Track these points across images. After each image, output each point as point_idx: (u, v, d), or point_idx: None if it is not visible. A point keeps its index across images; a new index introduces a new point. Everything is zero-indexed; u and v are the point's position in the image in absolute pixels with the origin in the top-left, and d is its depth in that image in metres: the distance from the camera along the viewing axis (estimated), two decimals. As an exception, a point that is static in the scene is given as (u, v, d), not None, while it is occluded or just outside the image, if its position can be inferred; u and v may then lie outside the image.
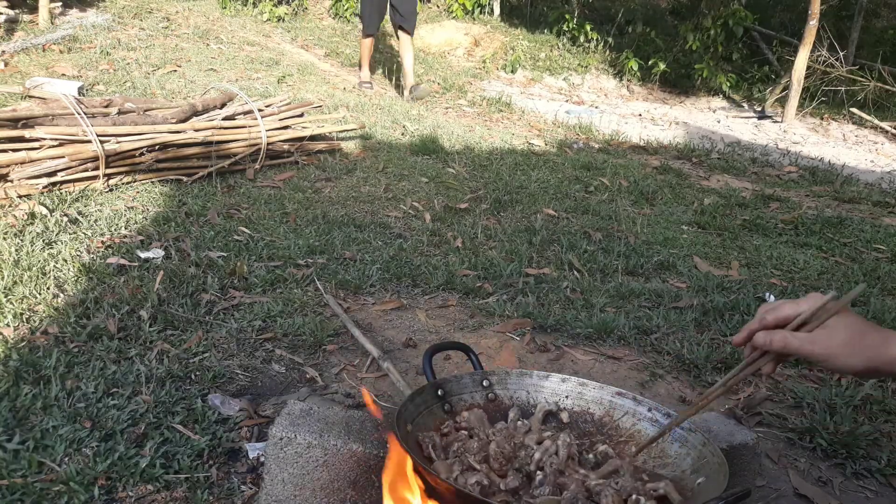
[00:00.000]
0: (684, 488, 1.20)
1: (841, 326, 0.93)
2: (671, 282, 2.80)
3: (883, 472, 1.70)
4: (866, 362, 0.92)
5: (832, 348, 0.92)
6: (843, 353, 0.92)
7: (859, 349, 0.92)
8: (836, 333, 0.93)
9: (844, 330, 0.93)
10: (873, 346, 0.91)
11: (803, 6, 8.05)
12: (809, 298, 0.97)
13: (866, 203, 4.40)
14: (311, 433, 1.33)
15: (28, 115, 3.06)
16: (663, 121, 6.96)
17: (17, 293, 2.10)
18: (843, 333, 0.92)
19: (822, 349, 0.93)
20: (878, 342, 0.91)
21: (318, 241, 2.79)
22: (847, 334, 0.92)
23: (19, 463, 1.42)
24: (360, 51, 6.12)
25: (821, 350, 0.93)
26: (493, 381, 1.45)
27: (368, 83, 6.03)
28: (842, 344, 0.92)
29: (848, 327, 0.93)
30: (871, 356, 0.91)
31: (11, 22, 5.65)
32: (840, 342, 0.92)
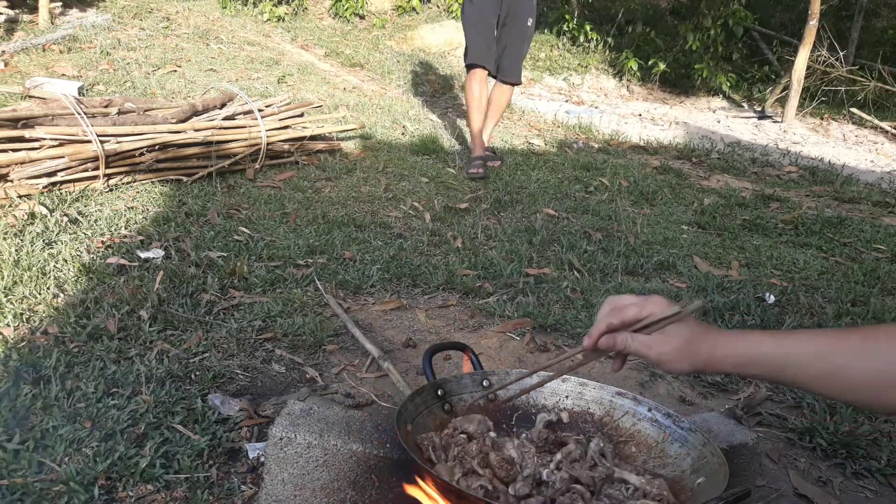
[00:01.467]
0: (684, 488, 1.20)
1: (676, 333, 1.03)
2: (671, 282, 2.80)
3: (883, 472, 1.70)
4: (692, 366, 1.03)
5: (662, 354, 1.03)
6: (671, 358, 1.03)
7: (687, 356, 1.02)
8: (671, 340, 1.03)
9: (679, 337, 1.03)
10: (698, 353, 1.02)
11: (803, 6, 8.06)
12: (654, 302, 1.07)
13: (866, 203, 4.40)
14: (311, 433, 1.33)
15: (28, 115, 3.06)
16: (663, 121, 6.96)
17: (17, 293, 2.10)
18: (676, 341, 1.03)
19: (654, 353, 1.04)
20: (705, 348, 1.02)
21: (318, 241, 2.79)
22: (679, 342, 1.03)
23: (19, 463, 1.42)
24: (466, 99, 4.26)
25: (654, 354, 1.04)
26: (493, 381, 1.45)
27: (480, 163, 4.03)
28: (672, 350, 1.03)
29: (682, 335, 1.03)
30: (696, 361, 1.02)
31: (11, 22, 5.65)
32: (672, 348, 1.03)
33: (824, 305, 2.64)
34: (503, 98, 4.29)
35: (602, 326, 1.09)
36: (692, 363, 1.02)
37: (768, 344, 0.98)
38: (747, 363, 0.98)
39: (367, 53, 7.19)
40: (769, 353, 0.96)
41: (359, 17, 8.40)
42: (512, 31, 4.14)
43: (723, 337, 1.02)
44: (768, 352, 0.97)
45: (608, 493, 1.17)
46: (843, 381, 0.91)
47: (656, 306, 1.06)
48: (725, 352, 1.00)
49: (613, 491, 1.17)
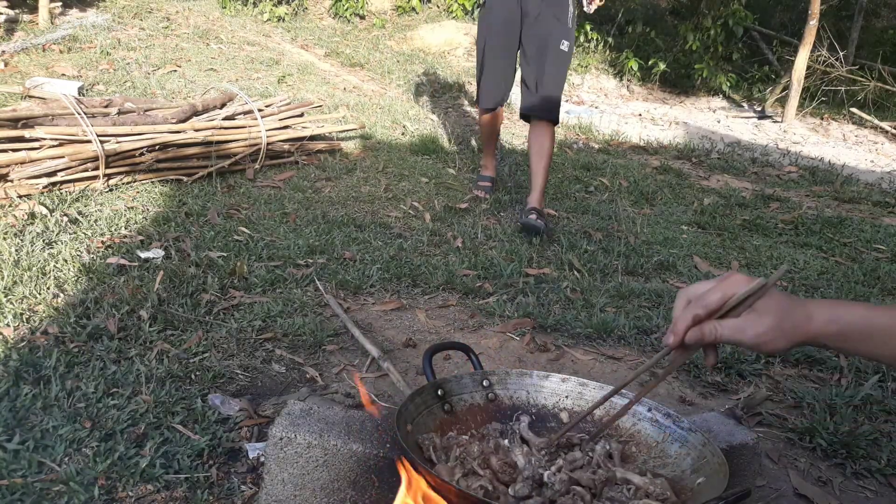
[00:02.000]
0: (684, 488, 1.20)
1: (767, 310, 0.95)
2: (671, 282, 2.80)
3: (883, 472, 1.70)
4: (790, 343, 0.95)
5: (761, 335, 0.94)
6: (771, 337, 0.94)
7: (783, 333, 0.94)
8: (764, 318, 0.94)
9: (771, 313, 0.94)
10: (797, 327, 0.94)
11: (803, 6, 8.06)
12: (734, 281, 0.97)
13: (866, 203, 4.40)
14: (311, 433, 1.33)
15: (28, 115, 3.06)
16: (663, 121, 6.96)
17: (17, 293, 2.10)
18: (768, 318, 0.94)
19: (751, 336, 0.95)
20: (802, 321, 0.94)
21: (318, 241, 2.79)
22: (774, 318, 0.94)
23: (19, 463, 1.42)
24: (481, 130, 3.87)
25: (751, 337, 0.95)
26: (493, 381, 1.45)
27: (487, 184, 3.80)
28: (769, 329, 0.94)
29: (773, 310, 0.94)
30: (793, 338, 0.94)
31: (11, 22, 5.65)
32: (766, 327, 0.94)
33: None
34: (547, 141, 3.34)
35: (688, 318, 0.98)
36: (791, 339, 0.94)
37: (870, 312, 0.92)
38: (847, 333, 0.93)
39: (367, 53, 7.20)
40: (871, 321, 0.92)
41: (359, 17, 8.40)
42: (545, 57, 3.33)
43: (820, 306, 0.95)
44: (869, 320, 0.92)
45: (610, 497, 1.17)
46: None
47: (738, 285, 0.96)
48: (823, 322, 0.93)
49: (615, 493, 1.17)
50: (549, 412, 1.42)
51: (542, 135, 3.34)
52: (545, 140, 3.33)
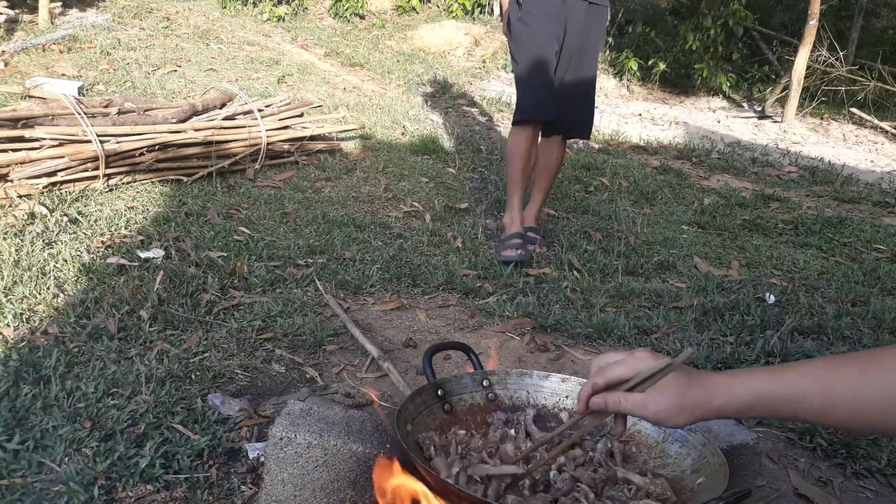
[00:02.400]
0: (684, 488, 1.20)
1: (668, 388, 0.98)
2: (671, 282, 2.80)
3: (883, 472, 1.69)
4: (690, 420, 0.98)
5: (660, 412, 0.98)
6: (669, 414, 0.98)
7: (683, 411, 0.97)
8: (663, 397, 0.98)
9: (672, 391, 0.98)
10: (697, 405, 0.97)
11: (803, 6, 8.06)
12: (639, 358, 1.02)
13: (866, 203, 4.40)
14: (311, 433, 1.33)
15: (28, 115, 3.06)
16: (663, 121, 6.96)
17: (18, 293, 2.10)
18: (669, 397, 0.98)
19: (651, 412, 0.99)
20: (702, 399, 0.96)
21: (318, 241, 2.79)
22: (673, 398, 0.97)
23: (19, 463, 1.42)
24: (508, 156, 3.01)
25: (651, 413, 0.99)
26: (493, 381, 1.45)
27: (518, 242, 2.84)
28: (668, 406, 0.98)
29: (674, 388, 0.98)
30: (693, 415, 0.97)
31: (11, 22, 5.65)
32: (666, 405, 0.98)
33: (824, 305, 2.64)
34: (558, 158, 3.08)
35: (588, 388, 1.05)
36: (690, 416, 0.97)
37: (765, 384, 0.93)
38: (747, 407, 0.94)
39: (367, 53, 7.20)
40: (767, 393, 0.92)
41: (359, 16, 8.40)
42: (581, 65, 2.93)
43: (718, 384, 0.97)
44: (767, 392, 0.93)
45: (610, 495, 1.17)
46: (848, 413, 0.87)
47: (643, 362, 1.01)
48: (722, 400, 0.95)
49: (616, 492, 1.17)
50: (550, 412, 1.43)
51: (557, 152, 3.07)
52: (559, 154, 3.09)
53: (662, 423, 1.00)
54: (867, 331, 2.44)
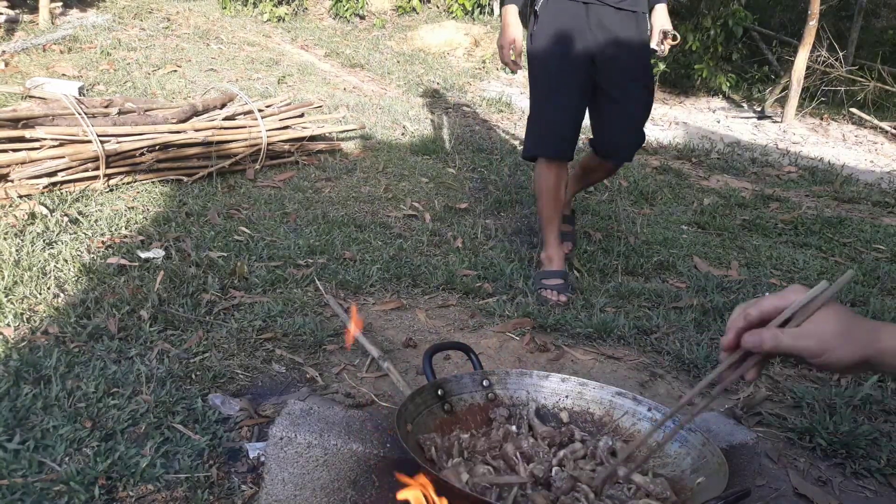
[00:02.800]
0: (684, 488, 1.20)
1: (830, 318, 0.87)
2: (671, 282, 2.80)
3: (882, 472, 1.70)
4: (858, 354, 0.85)
5: (825, 342, 0.85)
6: (836, 345, 0.85)
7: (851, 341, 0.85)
8: (827, 326, 0.86)
9: (835, 321, 0.86)
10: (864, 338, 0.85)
11: (803, 6, 8.06)
12: (793, 290, 0.90)
13: (866, 203, 4.40)
14: (311, 433, 1.34)
15: (28, 116, 3.07)
16: (663, 121, 6.96)
17: (18, 293, 2.10)
18: (833, 325, 0.86)
19: (815, 344, 0.86)
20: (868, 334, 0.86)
21: (318, 241, 2.79)
22: (838, 326, 0.86)
23: (20, 463, 1.42)
24: (536, 192, 2.69)
25: (814, 345, 0.86)
26: (493, 381, 1.46)
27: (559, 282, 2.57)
28: (834, 336, 0.85)
29: (838, 318, 0.87)
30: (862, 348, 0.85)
31: (12, 22, 5.65)
32: (832, 334, 0.85)
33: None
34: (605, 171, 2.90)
35: (740, 321, 0.91)
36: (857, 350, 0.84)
37: None
38: None
39: (367, 54, 7.20)
40: None
41: (359, 17, 8.41)
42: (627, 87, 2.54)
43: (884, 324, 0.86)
44: None
45: (610, 494, 1.17)
46: None
47: (797, 293, 0.89)
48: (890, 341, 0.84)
49: (615, 491, 1.18)
50: (549, 412, 1.43)
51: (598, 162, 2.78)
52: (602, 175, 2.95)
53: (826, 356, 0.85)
54: (867, 331, 2.44)
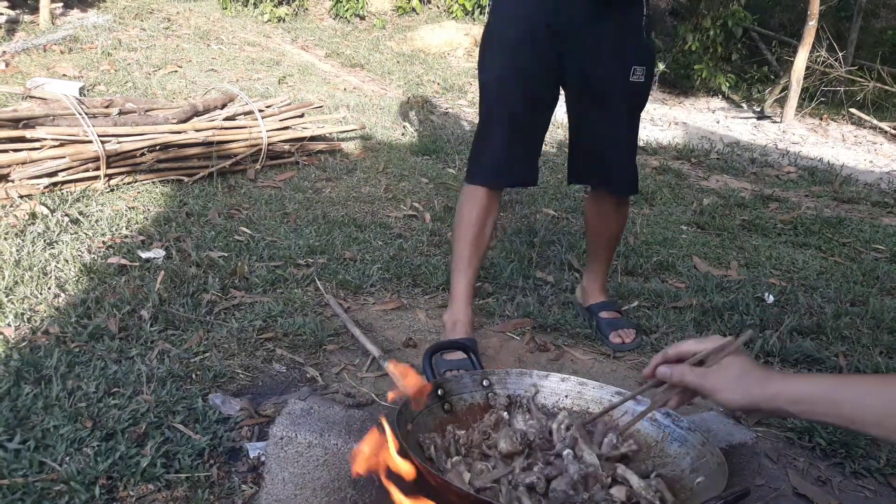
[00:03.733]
0: (683, 487, 1.21)
1: (731, 365, 1.04)
2: (670, 282, 2.81)
3: (882, 472, 1.70)
4: (744, 397, 1.01)
5: (718, 384, 1.04)
6: (728, 388, 1.02)
7: (741, 386, 1.01)
8: (727, 371, 1.04)
9: (733, 368, 1.04)
10: (753, 384, 1.00)
11: (802, 7, 8.06)
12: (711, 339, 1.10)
13: (865, 203, 4.40)
14: (311, 432, 1.34)
15: (29, 116, 3.07)
16: (662, 121, 6.96)
17: (19, 293, 2.10)
18: (732, 371, 1.03)
19: (710, 384, 1.04)
20: (759, 381, 1.00)
21: (318, 241, 2.79)
22: (735, 373, 1.03)
23: (20, 462, 1.42)
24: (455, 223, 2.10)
25: (709, 385, 1.04)
26: (493, 380, 1.46)
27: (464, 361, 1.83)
28: (726, 382, 1.03)
29: (736, 366, 1.04)
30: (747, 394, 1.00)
31: (12, 22, 5.66)
32: (726, 379, 1.03)
33: (823, 305, 2.65)
34: (615, 221, 2.22)
35: (659, 357, 1.13)
36: (745, 395, 1.00)
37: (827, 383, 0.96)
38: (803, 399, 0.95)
39: (367, 54, 7.20)
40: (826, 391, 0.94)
41: (359, 17, 8.41)
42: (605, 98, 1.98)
43: (777, 374, 1.02)
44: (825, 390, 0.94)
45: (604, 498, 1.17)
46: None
47: (713, 342, 1.09)
48: (779, 387, 0.97)
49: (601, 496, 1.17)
50: (549, 412, 1.43)
51: (613, 213, 2.19)
52: (615, 220, 2.22)
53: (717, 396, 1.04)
54: (866, 331, 2.45)
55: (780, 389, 0.97)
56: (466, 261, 2.03)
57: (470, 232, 2.02)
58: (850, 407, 0.91)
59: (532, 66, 1.93)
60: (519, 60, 1.92)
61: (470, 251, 2.02)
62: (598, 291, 2.34)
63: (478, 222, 2.01)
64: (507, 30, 1.94)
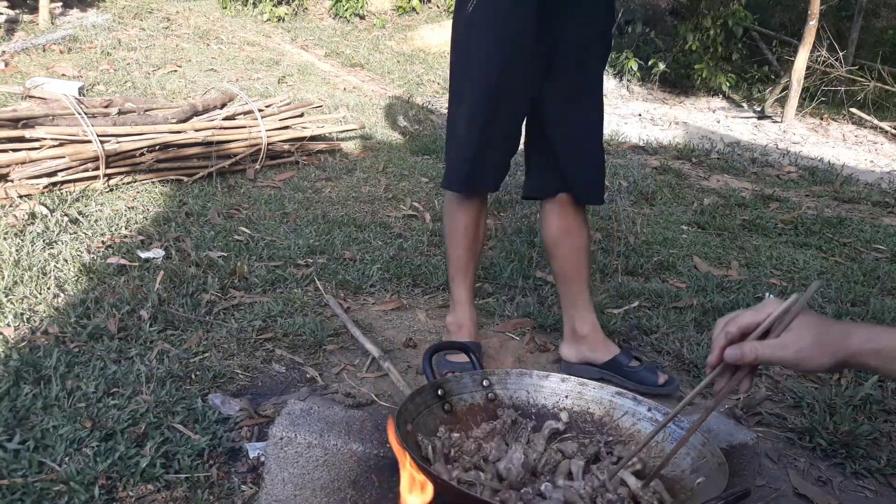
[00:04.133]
0: (684, 488, 1.20)
1: (805, 327, 0.94)
2: (671, 282, 2.80)
3: (882, 472, 1.70)
4: (831, 359, 0.92)
5: (803, 350, 0.93)
6: (814, 353, 0.92)
7: (823, 348, 0.92)
8: (803, 335, 0.93)
9: (809, 330, 0.93)
10: (837, 342, 0.92)
11: (803, 6, 8.06)
12: (769, 303, 0.97)
13: (866, 203, 4.40)
14: (311, 433, 1.34)
15: (28, 115, 3.07)
16: (663, 121, 6.96)
17: (18, 293, 2.10)
18: (809, 334, 0.93)
19: (793, 353, 0.93)
20: (840, 337, 0.92)
21: (318, 241, 2.79)
22: (813, 334, 0.93)
23: (20, 463, 1.42)
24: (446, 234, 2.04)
25: (792, 354, 0.93)
26: (493, 380, 1.45)
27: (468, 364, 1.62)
28: (811, 344, 0.93)
29: (812, 327, 0.94)
30: (833, 354, 0.92)
31: (12, 22, 5.65)
32: (809, 342, 0.93)
33: (824, 305, 2.65)
34: (583, 236, 1.98)
35: (721, 339, 0.99)
36: (833, 354, 0.91)
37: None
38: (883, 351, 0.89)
39: (367, 54, 7.20)
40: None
41: (359, 17, 8.41)
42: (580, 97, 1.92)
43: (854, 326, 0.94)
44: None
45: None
46: None
47: (772, 306, 0.97)
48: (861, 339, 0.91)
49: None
50: (549, 412, 1.43)
51: (580, 227, 1.97)
52: (584, 234, 1.98)
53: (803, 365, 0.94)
54: (867, 331, 2.44)
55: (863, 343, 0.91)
56: (465, 266, 2.02)
57: (467, 237, 1.99)
58: None
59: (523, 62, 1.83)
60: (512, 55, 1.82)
61: (468, 256, 2.01)
62: (603, 339, 1.99)
63: (473, 227, 1.99)
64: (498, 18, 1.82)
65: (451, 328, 2.04)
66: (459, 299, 2.03)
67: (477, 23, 1.85)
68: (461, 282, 2.03)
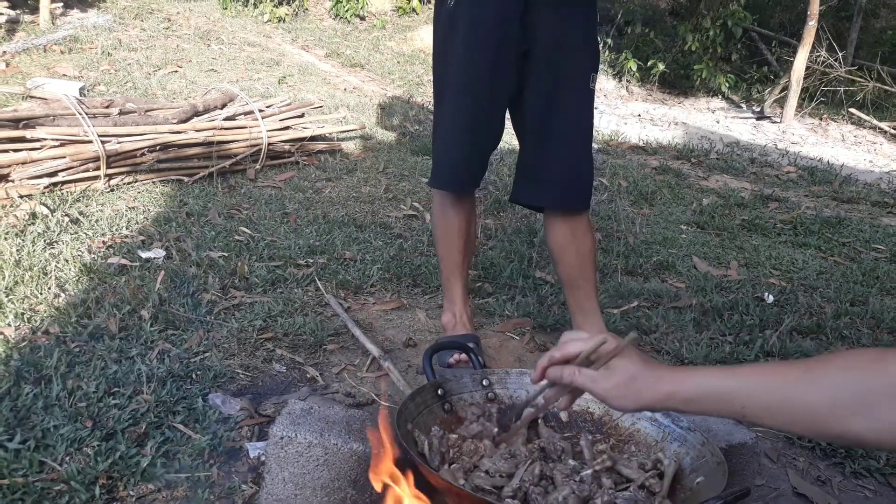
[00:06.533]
0: (683, 487, 1.21)
1: (620, 368, 1.00)
2: (670, 282, 2.81)
3: (881, 472, 1.70)
4: (636, 403, 0.98)
5: (609, 390, 1.00)
6: (616, 394, 0.99)
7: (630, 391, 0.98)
8: (614, 376, 1.00)
9: (622, 372, 0.99)
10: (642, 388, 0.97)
11: (802, 7, 8.07)
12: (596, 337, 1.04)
13: (865, 203, 4.41)
14: (311, 432, 1.34)
15: (29, 116, 3.07)
16: (662, 121, 6.97)
17: (19, 293, 2.10)
18: (618, 376, 0.99)
19: (601, 389, 1.01)
20: (649, 383, 0.97)
21: (318, 241, 2.79)
22: (623, 377, 0.99)
23: (20, 462, 1.42)
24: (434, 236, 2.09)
25: (600, 389, 1.01)
26: (493, 380, 1.46)
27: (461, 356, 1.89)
28: (616, 385, 0.99)
29: (626, 370, 0.99)
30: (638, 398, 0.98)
31: (12, 22, 5.66)
32: (614, 384, 0.99)
33: (823, 305, 2.65)
34: (588, 242, 1.94)
35: (545, 360, 1.09)
36: (635, 401, 0.98)
37: (715, 377, 0.94)
38: (694, 398, 0.93)
39: (367, 54, 7.21)
40: (716, 385, 0.92)
41: (359, 17, 8.41)
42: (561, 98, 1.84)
43: (667, 373, 0.98)
44: (715, 384, 0.92)
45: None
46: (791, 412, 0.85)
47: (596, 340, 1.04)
48: (669, 387, 0.95)
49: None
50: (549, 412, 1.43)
51: (583, 235, 1.93)
52: (588, 241, 1.94)
53: (608, 402, 1.01)
54: (866, 330, 2.45)
55: (671, 390, 0.95)
56: (460, 266, 2.03)
57: (461, 238, 1.99)
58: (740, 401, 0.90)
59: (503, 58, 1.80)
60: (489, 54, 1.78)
61: (461, 256, 2.02)
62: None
63: (466, 228, 2.00)
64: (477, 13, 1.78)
65: (447, 326, 2.05)
66: (454, 297, 2.04)
67: (457, 17, 1.81)
68: (456, 281, 2.03)
